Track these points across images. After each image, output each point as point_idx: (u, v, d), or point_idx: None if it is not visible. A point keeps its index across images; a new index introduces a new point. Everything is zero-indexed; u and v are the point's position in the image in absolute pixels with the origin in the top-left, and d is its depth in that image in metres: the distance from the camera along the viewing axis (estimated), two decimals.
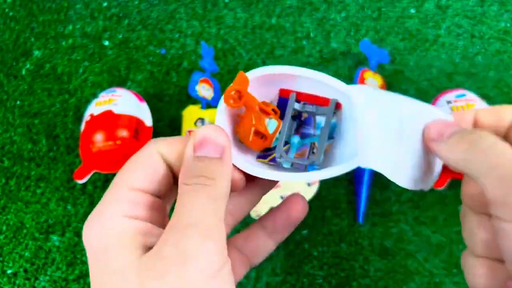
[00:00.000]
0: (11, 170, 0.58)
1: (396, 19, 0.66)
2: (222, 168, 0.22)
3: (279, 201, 0.36)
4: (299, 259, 0.49)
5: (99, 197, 0.55)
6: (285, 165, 0.30)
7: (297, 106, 0.30)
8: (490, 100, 0.58)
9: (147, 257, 0.19)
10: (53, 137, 0.60)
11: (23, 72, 0.66)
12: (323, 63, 0.63)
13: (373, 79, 0.56)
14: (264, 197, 0.33)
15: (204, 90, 0.57)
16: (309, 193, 0.53)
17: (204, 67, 0.58)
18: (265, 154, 0.31)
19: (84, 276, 0.51)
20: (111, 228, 0.20)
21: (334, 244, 0.52)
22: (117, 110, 0.54)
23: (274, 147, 0.30)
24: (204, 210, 0.20)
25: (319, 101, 0.30)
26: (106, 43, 0.67)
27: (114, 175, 0.56)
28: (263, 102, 0.29)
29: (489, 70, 0.60)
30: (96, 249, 0.20)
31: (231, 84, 0.27)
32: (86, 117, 0.54)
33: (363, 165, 0.27)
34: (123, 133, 0.52)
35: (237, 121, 0.30)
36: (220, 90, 0.60)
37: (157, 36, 0.67)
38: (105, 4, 0.71)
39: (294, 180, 0.34)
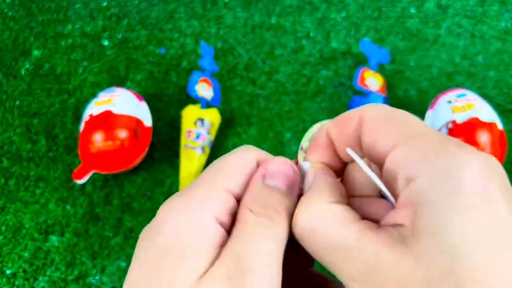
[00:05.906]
0: (10, 170, 0.58)
1: (396, 19, 0.65)
2: (289, 204, 0.21)
3: None
4: None
5: (98, 198, 0.55)
6: None
7: None
8: (491, 99, 0.58)
9: (205, 278, 0.18)
10: (52, 137, 0.60)
11: (22, 72, 0.65)
12: (323, 63, 0.62)
13: (373, 78, 0.56)
14: None
15: (203, 89, 0.56)
16: None
17: (204, 67, 0.58)
18: None
19: (83, 276, 0.51)
20: (195, 227, 0.20)
21: None
22: (116, 110, 0.53)
23: None
24: (266, 258, 0.19)
25: None
26: (106, 43, 0.67)
27: (113, 175, 0.56)
28: None
29: (489, 70, 0.60)
30: (171, 240, 0.19)
31: None
32: (86, 117, 0.54)
33: None
34: (122, 133, 0.52)
35: None
36: (220, 90, 0.60)
37: (157, 35, 0.67)
38: (104, 3, 0.71)
39: None
